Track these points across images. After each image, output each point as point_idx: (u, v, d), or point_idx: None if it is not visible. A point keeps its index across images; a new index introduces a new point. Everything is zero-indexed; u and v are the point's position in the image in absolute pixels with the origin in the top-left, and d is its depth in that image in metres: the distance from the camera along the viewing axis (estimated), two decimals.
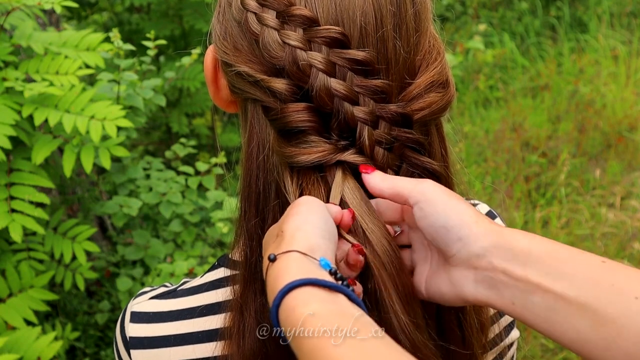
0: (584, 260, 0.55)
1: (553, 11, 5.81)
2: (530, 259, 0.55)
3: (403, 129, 0.64)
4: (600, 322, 0.52)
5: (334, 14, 0.63)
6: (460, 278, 0.59)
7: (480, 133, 4.32)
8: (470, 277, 0.58)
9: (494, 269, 0.57)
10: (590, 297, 0.52)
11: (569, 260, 0.55)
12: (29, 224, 1.77)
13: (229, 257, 0.76)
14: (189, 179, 2.43)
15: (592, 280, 0.53)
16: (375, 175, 0.62)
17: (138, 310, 0.76)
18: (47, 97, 1.85)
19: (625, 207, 3.62)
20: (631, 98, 4.46)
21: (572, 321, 0.53)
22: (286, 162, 0.64)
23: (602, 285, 0.53)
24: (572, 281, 0.53)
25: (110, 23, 3.87)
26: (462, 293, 0.59)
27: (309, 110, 0.62)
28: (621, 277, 0.53)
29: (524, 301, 0.55)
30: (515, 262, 0.56)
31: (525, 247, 0.56)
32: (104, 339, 2.57)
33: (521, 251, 0.56)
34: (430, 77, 0.66)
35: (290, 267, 0.52)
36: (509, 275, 0.56)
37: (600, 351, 0.52)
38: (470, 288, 0.58)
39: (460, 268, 0.59)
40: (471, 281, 0.58)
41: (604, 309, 0.52)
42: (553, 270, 0.54)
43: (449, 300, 0.61)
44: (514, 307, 0.56)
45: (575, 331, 0.53)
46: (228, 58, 0.67)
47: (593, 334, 0.52)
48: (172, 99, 3.28)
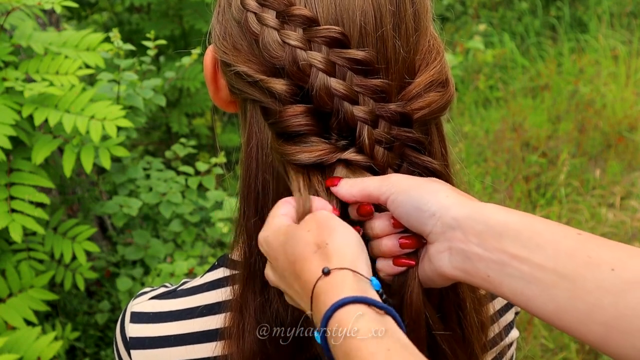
0: (561, 232, 0.54)
1: (553, 11, 5.81)
2: (506, 231, 0.55)
3: (403, 128, 0.64)
4: (577, 293, 0.51)
5: (333, 14, 0.63)
6: (436, 254, 0.59)
7: (480, 133, 4.32)
8: (446, 252, 0.58)
9: (467, 241, 0.56)
10: (568, 268, 0.52)
11: (546, 232, 0.54)
12: (29, 224, 1.77)
13: (229, 257, 0.76)
14: (189, 179, 2.43)
15: (570, 252, 0.53)
16: (342, 184, 0.62)
17: (138, 310, 0.76)
18: (47, 97, 1.85)
19: (625, 207, 3.62)
20: (631, 98, 4.46)
21: (550, 292, 0.53)
22: (287, 160, 0.64)
23: (579, 257, 0.52)
24: (549, 253, 0.53)
25: (110, 23, 3.87)
26: (439, 269, 0.59)
27: (306, 114, 0.62)
28: (597, 249, 0.52)
29: (500, 273, 0.55)
30: (491, 234, 0.55)
31: (502, 219, 0.56)
32: (104, 339, 2.57)
33: (497, 223, 0.56)
34: (429, 77, 0.66)
35: (345, 283, 0.53)
36: (483, 246, 0.56)
37: (578, 323, 0.52)
38: (445, 262, 0.58)
39: (437, 244, 0.59)
40: (446, 256, 0.58)
41: (581, 281, 0.51)
42: (530, 242, 0.54)
43: (432, 278, 0.61)
44: (489, 280, 0.56)
45: (554, 303, 0.52)
46: (227, 58, 0.67)
47: (571, 306, 0.52)
48: (172, 99, 3.28)
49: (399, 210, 0.60)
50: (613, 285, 0.50)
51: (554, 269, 0.53)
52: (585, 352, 2.75)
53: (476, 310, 0.70)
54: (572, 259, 0.52)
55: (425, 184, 0.60)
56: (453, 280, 0.60)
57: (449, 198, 0.58)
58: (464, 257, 0.57)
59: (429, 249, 0.60)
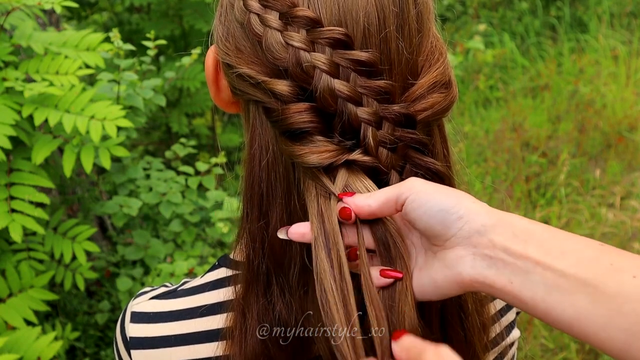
0: (583, 242, 0.55)
1: (553, 11, 5.81)
2: (530, 238, 0.56)
3: (406, 130, 0.64)
4: (599, 298, 0.52)
5: (337, 15, 0.63)
6: (457, 258, 0.58)
7: (480, 133, 4.32)
8: (469, 256, 0.58)
9: (494, 247, 0.56)
10: (590, 273, 0.53)
11: (569, 242, 0.55)
12: (29, 224, 1.77)
13: (230, 257, 0.76)
14: (189, 179, 2.43)
15: (592, 259, 0.53)
16: (357, 197, 0.61)
17: (138, 310, 0.76)
18: (47, 97, 1.85)
19: (625, 207, 3.62)
20: (631, 98, 4.46)
21: (571, 298, 0.53)
22: (296, 162, 0.63)
23: (601, 264, 0.53)
24: (571, 259, 0.54)
25: (110, 23, 3.87)
26: (458, 275, 0.58)
27: (311, 111, 0.62)
28: (619, 258, 0.53)
29: (523, 279, 0.55)
30: (516, 241, 0.56)
31: (526, 227, 0.57)
32: (104, 339, 2.57)
33: (521, 230, 0.56)
34: (432, 78, 0.66)
35: None
36: (509, 253, 0.56)
37: (599, 329, 0.52)
38: (467, 267, 0.58)
39: (458, 248, 0.58)
40: (469, 260, 0.58)
41: (603, 286, 0.52)
42: (553, 250, 0.55)
43: (443, 287, 0.60)
44: (512, 287, 0.56)
45: (574, 309, 0.53)
46: (230, 59, 0.67)
47: (592, 311, 0.52)
48: (172, 99, 3.28)
49: (418, 211, 0.59)
50: (635, 292, 0.51)
51: (576, 274, 0.53)
52: (585, 352, 2.75)
53: (478, 311, 0.70)
54: (594, 266, 0.53)
55: (446, 188, 0.60)
56: (469, 284, 0.59)
57: (475, 204, 0.58)
58: (489, 263, 0.57)
59: (446, 255, 0.59)
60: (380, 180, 0.64)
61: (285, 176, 0.66)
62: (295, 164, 0.65)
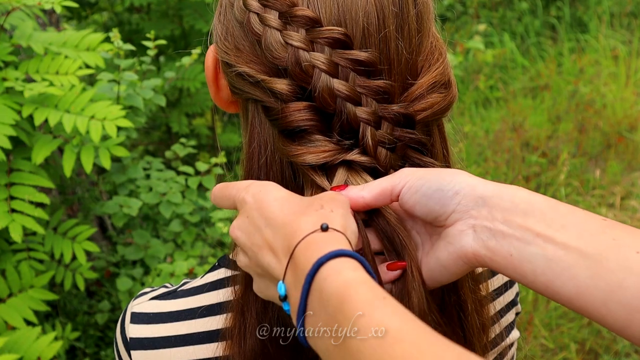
0: (585, 215, 0.54)
1: (553, 11, 5.81)
2: (531, 209, 0.55)
3: (405, 130, 0.64)
4: (600, 272, 0.51)
5: (336, 15, 0.63)
6: (459, 233, 0.58)
7: (480, 133, 4.32)
8: (470, 229, 0.57)
9: (493, 219, 0.56)
10: (591, 247, 0.52)
11: (570, 215, 0.54)
12: (29, 224, 1.77)
13: (229, 258, 0.76)
14: (189, 179, 2.43)
15: (594, 233, 0.53)
16: (350, 188, 0.61)
17: (138, 311, 0.76)
18: (47, 97, 1.85)
19: (625, 207, 3.62)
20: (631, 98, 4.46)
21: (571, 271, 0.52)
22: (291, 160, 0.64)
23: (603, 238, 0.52)
24: (573, 232, 0.53)
25: (110, 23, 3.87)
26: (461, 249, 0.58)
27: (310, 109, 0.62)
28: (623, 233, 0.52)
29: (523, 251, 0.54)
30: (516, 212, 0.55)
31: (527, 197, 0.56)
32: (104, 339, 2.57)
33: (522, 201, 0.56)
34: (432, 78, 0.66)
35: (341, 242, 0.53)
36: (509, 224, 0.55)
37: (599, 304, 0.51)
38: (469, 240, 0.57)
39: (459, 223, 0.58)
40: (470, 233, 0.57)
41: (605, 260, 0.51)
42: (554, 222, 0.54)
43: (449, 266, 0.59)
44: (511, 259, 0.55)
45: (574, 283, 0.52)
46: (229, 59, 0.67)
47: (592, 285, 0.51)
48: (172, 99, 3.28)
49: (416, 195, 0.59)
50: (637, 267, 0.50)
51: (577, 247, 0.52)
52: (585, 352, 2.75)
53: (477, 311, 0.70)
54: (596, 240, 0.52)
55: (441, 169, 0.60)
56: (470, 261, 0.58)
57: (471, 178, 0.58)
58: (489, 235, 0.56)
59: (448, 232, 0.59)
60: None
61: (283, 175, 0.66)
62: (292, 163, 0.65)
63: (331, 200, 0.57)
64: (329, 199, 0.57)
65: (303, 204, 0.57)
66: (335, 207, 0.56)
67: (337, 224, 0.54)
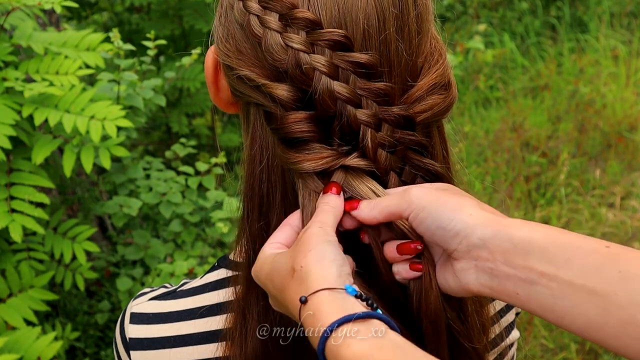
0: (588, 246, 0.53)
1: (553, 11, 5.81)
2: (531, 247, 0.54)
3: (406, 131, 0.64)
4: (610, 309, 0.50)
5: (337, 17, 0.63)
6: (463, 271, 0.58)
7: (480, 133, 4.32)
8: (472, 269, 0.58)
9: (494, 260, 0.56)
10: (598, 284, 0.51)
11: (572, 247, 0.53)
12: (29, 224, 1.77)
13: (229, 258, 0.76)
14: (189, 179, 2.43)
15: (599, 267, 0.52)
16: (363, 207, 0.62)
17: (138, 311, 0.76)
18: (47, 97, 1.85)
19: (625, 207, 3.62)
20: (631, 98, 4.46)
21: (580, 309, 0.52)
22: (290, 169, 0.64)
23: (608, 272, 0.51)
24: (577, 268, 0.52)
25: (110, 23, 3.87)
26: (466, 286, 0.59)
27: (308, 120, 0.62)
28: (627, 262, 0.51)
29: (528, 291, 0.54)
30: (516, 253, 0.55)
31: (526, 236, 0.55)
32: (104, 339, 2.57)
33: (521, 240, 0.55)
34: (432, 79, 0.66)
35: (322, 308, 0.54)
36: (510, 265, 0.55)
37: (612, 338, 0.51)
38: (472, 280, 0.58)
39: (462, 261, 0.58)
40: (473, 273, 0.58)
41: (613, 296, 0.50)
42: (557, 259, 0.53)
43: (457, 293, 0.61)
44: (518, 297, 0.55)
45: (585, 319, 0.52)
46: (230, 61, 0.67)
47: (603, 322, 0.51)
48: (172, 99, 3.28)
49: (421, 227, 0.60)
50: None
51: (584, 285, 0.52)
52: (585, 352, 2.75)
53: (477, 312, 0.70)
54: (601, 275, 0.51)
55: (446, 198, 0.59)
56: (479, 295, 0.60)
57: (472, 217, 0.57)
58: (491, 276, 0.56)
59: (454, 264, 0.60)
60: (379, 181, 0.64)
61: (285, 178, 0.66)
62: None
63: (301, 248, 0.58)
64: (299, 248, 0.58)
65: (284, 272, 0.58)
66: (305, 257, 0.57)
67: (312, 279, 0.55)
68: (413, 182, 0.66)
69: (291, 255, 0.59)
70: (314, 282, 0.55)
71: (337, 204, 0.62)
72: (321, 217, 0.61)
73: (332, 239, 0.59)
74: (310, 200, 0.64)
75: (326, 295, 0.54)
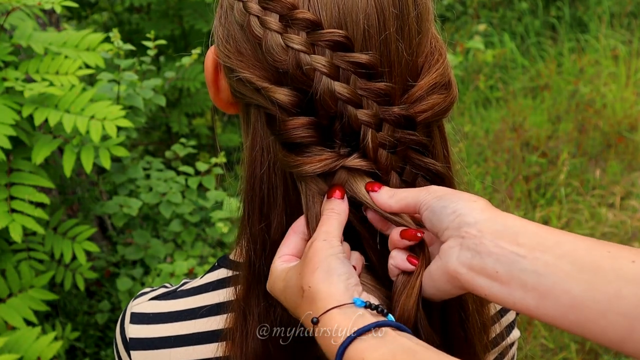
0: (578, 237, 0.54)
1: (553, 11, 5.81)
2: (523, 230, 0.55)
3: (406, 131, 0.64)
4: (596, 284, 0.50)
5: (337, 17, 0.63)
6: (447, 249, 0.58)
7: (480, 133, 4.32)
8: (456, 248, 0.57)
9: (481, 237, 0.55)
10: (587, 260, 0.51)
11: (563, 235, 0.54)
12: (29, 224, 1.77)
13: (229, 258, 0.76)
14: (189, 179, 2.43)
15: (588, 248, 0.52)
16: (382, 193, 0.63)
17: (138, 311, 0.76)
18: (47, 97, 1.85)
19: (625, 207, 3.62)
20: (631, 98, 4.46)
21: (565, 285, 0.51)
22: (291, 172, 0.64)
23: (598, 251, 0.52)
24: (567, 247, 0.52)
25: (110, 23, 3.87)
26: (445, 265, 0.58)
27: (308, 126, 0.62)
28: (617, 247, 0.52)
29: (511, 267, 0.53)
30: (506, 233, 0.55)
31: (519, 223, 0.56)
32: (104, 339, 2.57)
33: (514, 224, 0.56)
34: (432, 79, 0.66)
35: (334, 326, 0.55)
36: (497, 242, 0.55)
37: (598, 316, 0.50)
38: (453, 259, 0.57)
39: (450, 240, 0.58)
40: (456, 252, 0.57)
41: (601, 270, 0.50)
42: (547, 239, 0.54)
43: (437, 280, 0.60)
44: (497, 276, 0.54)
45: (569, 297, 0.51)
46: (231, 63, 0.66)
47: (589, 298, 0.50)
48: (172, 99, 3.28)
49: (426, 212, 0.60)
50: (635, 275, 0.49)
51: (573, 261, 0.52)
52: (585, 352, 2.75)
53: (478, 311, 0.70)
54: (590, 253, 0.52)
55: (464, 193, 0.60)
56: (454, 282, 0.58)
57: (476, 203, 0.58)
58: (474, 252, 0.56)
59: (441, 248, 0.59)
60: (380, 181, 0.64)
61: (286, 180, 0.66)
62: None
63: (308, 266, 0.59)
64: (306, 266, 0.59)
65: (295, 290, 0.60)
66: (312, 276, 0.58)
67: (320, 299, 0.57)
68: (414, 181, 0.66)
69: (300, 273, 0.60)
70: (323, 301, 0.56)
71: (341, 210, 0.63)
72: (326, 227, 0.61)
73: (337, 251, 0.60)
74: (314, 202, 0.64)
75: (336, 314, 0.56)
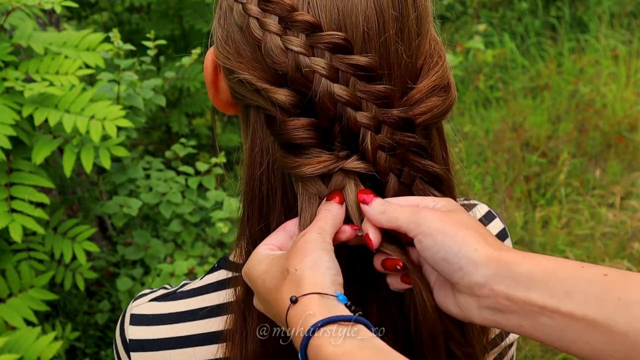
0: (586, 276, 0.55)
1: (553, 11, 5.81)
2: (532, 282, 0.56)
3: (405, 133, 0.64)
4: (613, 337, 0.52)
5: (336, 19, 0.63)
6: (466, 304, 0.60)
7: (480, 133, 4.32)
8: (474, 305, 0.59)
9: (496, 296, 0.57)
10: (599, 313, 0.53)
11: (571, 279, 0.55)
12: (29, 224, 1.77)
13: (229, 259, 0.76)
14: (189, 179, 2.43)
15: (598, 296, 0.53)
16: (374, 207, 0.63)
17: (137, 312, 0.76)
18: (47, 97, 1.85)
19: (625, 207, 3.62)
20: (631, 98, 4.46)
21: (585, 338, 0.53)
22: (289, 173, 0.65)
23: (608, 301, 0.53)
24: (578, 299, 0.54)
25: (110, 23, 3.87)
26: (469, 317, 0.60)
27: (308, 127, 0.62)
28: (625, 289, 0.53)
29: (533, 323, 0.56)
30: (518, 288, 0.56)
31: (526, 271, 0.56)
32: (104, 339, 2.57)
33: (522, 275, 0.56)
34: (432, 82, 0.66)
35: (311, 309, 0.55)
36: (512, 301, 0.56)
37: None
38: (476, 315, 0.59)
39: (465, 295, 0.60)
40: (476, 309, 0.59)
41: (614, 324, 0.52)
42: (556, 292, 0.55)
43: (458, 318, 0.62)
44: (523, 329, 0.57)
45: (591, 347, 0.53)
46: (231, 64, 0.66)
47: (609, 350, 0.52)
48: (172, 99, 3.28)
49: (425, 253, 0.60)
50: None
51: (585, 316, 0.53)
52: None
53: None
54: (601, 304, 0.53)
55: (454, 230, 0.60)
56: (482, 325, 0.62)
57: (477, 252, 0.58)
58: (495, 311, 0.58)
59: (456, 296, 0.61)
60: (379, 183, 0.64)
61: (284, 180, 0.66)
62: None
63: (297, 253, 0.59)
64: (295, 252, 0.59)
65: (278, 273, 0.60)
66: (301, 262, 0.58)
67: (305, 283, 0.57)
68: (412, 183, 0.66)
69: (287, 257, 0.60)
70: (307, 285, 0.56)
71: (338, 213, 0.63)
72: (321, 224, 0.61)
73: (329, 247, 0.60)
74: (310, 204, 0.64)
75: (316, 299, 0.55)
